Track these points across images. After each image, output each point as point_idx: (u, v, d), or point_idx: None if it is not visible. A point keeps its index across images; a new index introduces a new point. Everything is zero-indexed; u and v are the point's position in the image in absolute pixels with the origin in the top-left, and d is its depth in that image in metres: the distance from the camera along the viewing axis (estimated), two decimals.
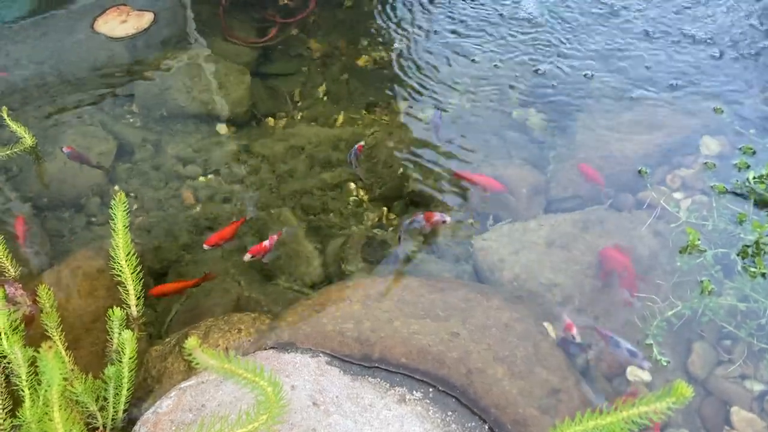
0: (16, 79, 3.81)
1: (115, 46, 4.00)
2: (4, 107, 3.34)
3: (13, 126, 3.29)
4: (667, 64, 3.71)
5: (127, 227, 2.41)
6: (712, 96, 3.50)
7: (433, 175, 3.28)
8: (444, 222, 2.95)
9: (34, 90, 3.76)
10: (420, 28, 4.12)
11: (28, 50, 3.95)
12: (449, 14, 4.18)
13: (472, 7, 4.19)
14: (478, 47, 3.92)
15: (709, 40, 3.83)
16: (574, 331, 2.50)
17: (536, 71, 3.74)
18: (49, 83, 3.80)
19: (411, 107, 3.64)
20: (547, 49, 3.87)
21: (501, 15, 4.11)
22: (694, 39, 3.85)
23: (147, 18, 4.14)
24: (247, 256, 2.85)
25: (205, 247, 2.94)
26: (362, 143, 3.30)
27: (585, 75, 3.68)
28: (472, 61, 3.85)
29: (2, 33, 4.07)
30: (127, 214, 2.40)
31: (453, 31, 4.05)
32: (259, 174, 3.40)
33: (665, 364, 2.48)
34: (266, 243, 2.89)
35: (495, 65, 3.80)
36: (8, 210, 3.20)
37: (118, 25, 4.09)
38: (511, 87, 3.67)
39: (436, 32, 4.07)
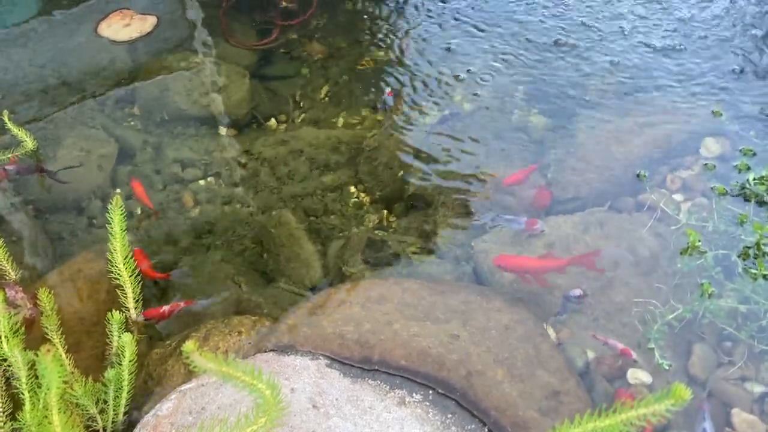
0: (17, 82, 3.82)
1: (116, 49, 4.01)
2: (5, 110, 3.34)
3: (14, 129, 3.29)
4: (668, 67, 3.70)
5: (124, 230, 2.41)
6: (712, 98, 3.49)
7: (434, 177, 3.28)
8: (542, 231, 2.87)
9: (35, 93, 3.77)
10: (421, 29, 4.12)
11: (30, 53, 3.96)
12: (450, 16, 4.18)
13: (473, 9, 4.20)
14: (480, 49, 3.92)
15: (710, 43, 3.83)
16: (634, 355, 2.47)
17: (538, 73, 3.74)
18: (51, 86, 3.81)
19: (412, 109, 3.64)
20: (550, 50, 3.87)
21: (503, 17, 4.12)
22: (695, 41, 3.85)
23: (150, 21, 4.15)
24: (140, 317, 2.64)
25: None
26: (390, 89, 3.38)
27: (587, 77, 3.68)
28: (474, 62, 3.85)
29: (4, 36, 4.08)
30: (124, 216, 2.40)
31: (454, 33, 4.05)
32: (259, 176, 3.41)
33: (667, 368, 2.48)
34: (166, 308, 2.69)
35: (496, 67, 3.80)
36: (10, 213, 3.21)
37: (121, 28, 4.10)
38: (513, 88, 3.67)
39: (436, 33, 4.07)
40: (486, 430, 2.18)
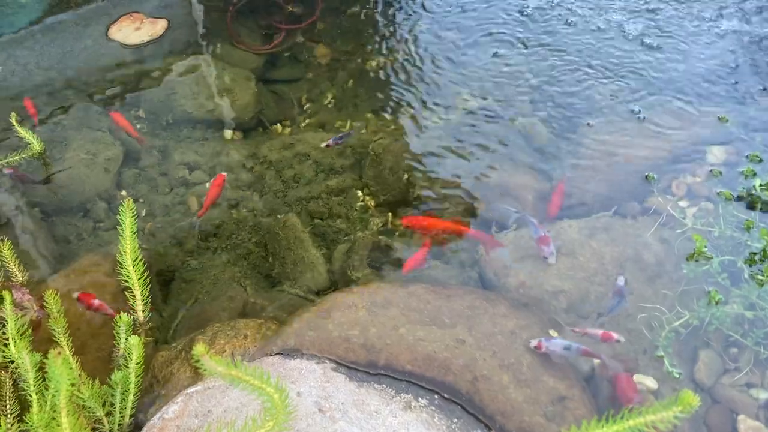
0: (24, 84, 3.83)
1: (122, 52, 4.02)
2: (12, 113, 3.36)
3: (21, 131, 3.31)
4: (674, 73, 3.71)
5: (134, 233, 2.42)
6: (717, 104, 3.50)
7: (438, 182, 3.29)
8: (545, 259, 2.79)
9: (42, 95, 3.78)
10: (425, 33, 4.13)
11: (36, 56, 3.98)
12: (455, 20, 4.19)
13: (478, 13, 4.20)
14: (484, 53, 3.93)
15: (716, 48, 3.83)
16: (616, 336, 2.49)
17: (542, 77, 3.74)
18: (57, 89, 3.82)
19: (417, 113, 3.65)
20: (554, 55, 3.88)
21: (507, 21, 4.12)
22: (697, 46, 3.85)
23: (161, 25, 4.16)
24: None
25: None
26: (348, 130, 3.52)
27: (591, 83, 3.69)
28: (478, 66, 3.85)
29: (11, 39, 4.10)
30: (135, 219, 2.41)
31: (459, 37, 4.06)
32: (265, 179, 3.41)
33: (677, 376, 2.48)
34: (96, 302, 2.67)
35: (501, 71, 3.81)
36: (17, 215, 3.22)
37: (132, 32, 4.11)
38: (518, 93, 3.68)
39: (441, 38, 4.08)
40: None
